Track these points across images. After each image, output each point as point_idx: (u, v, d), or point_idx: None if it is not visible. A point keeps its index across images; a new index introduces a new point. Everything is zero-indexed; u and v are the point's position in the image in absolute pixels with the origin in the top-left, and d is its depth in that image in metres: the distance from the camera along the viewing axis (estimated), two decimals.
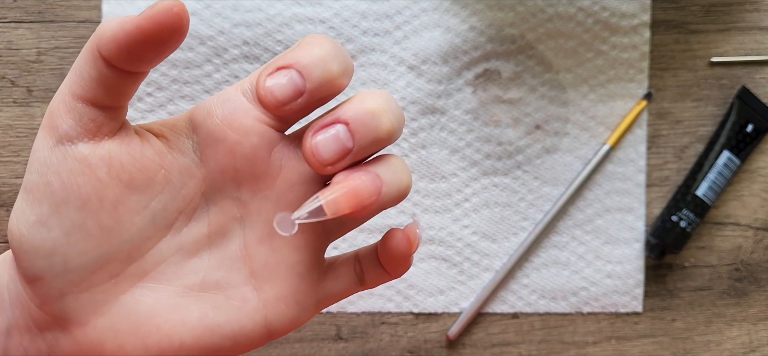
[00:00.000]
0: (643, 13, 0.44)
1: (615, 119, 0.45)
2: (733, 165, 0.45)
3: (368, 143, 0.23)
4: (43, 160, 0.23)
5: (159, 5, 0.21)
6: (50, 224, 0.23)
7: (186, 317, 0.24)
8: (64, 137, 0.23)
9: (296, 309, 0.25)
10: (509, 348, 0.46)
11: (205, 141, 0.24)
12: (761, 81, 0.46)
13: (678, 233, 0.44)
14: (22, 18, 0.43)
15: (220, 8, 0.43)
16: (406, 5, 0.44)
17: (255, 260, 0.25)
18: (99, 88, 0.22)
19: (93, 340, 0.24)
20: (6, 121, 0.43)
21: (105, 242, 0.23)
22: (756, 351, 0.47)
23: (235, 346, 0.25)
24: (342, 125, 0.23)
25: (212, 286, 0.25)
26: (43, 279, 0.23)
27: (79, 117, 0.23)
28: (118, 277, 0.24)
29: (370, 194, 0.23)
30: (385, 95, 0.24)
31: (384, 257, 0.26)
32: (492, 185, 0.45)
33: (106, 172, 0.23)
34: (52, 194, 0.22)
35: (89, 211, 0.23)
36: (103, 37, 0.22)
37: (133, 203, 0.24)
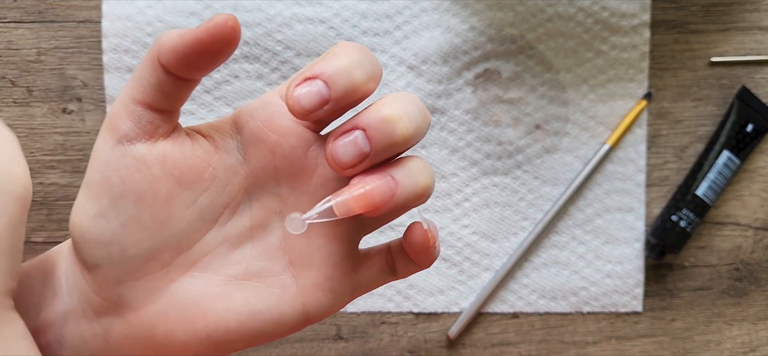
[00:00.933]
0: (643, 13, 0.44)
1: (615, 119, 0.45)
2: (733, 165, 0.45)
3: (384, 148, 0.24)
4: (104, 158, 0.25)
5: (216, 19, 0.23)
6: (109, 217, 0.25)
7: (230, 304, 0.26)
8: (124, 138, 0.25)
9: (331, 296, 0.27)
10: (509, 348, 0.46)
11: (248, 141, 0.26)
12: (761, 81, 0.46)
13: (678, 233, 0.44)
14: (22, 18, 0.43)
15: (220, 8, 0.43)
16: (406, 5, 0.44)
17: (293, 250, 0.27)
18: (157, 93, 0.25)
19: (145, 325, 0.26)
20: (6, 121, 0.43)
21: (158, 234, 0.25)
22: (756, 350, 0.47)
23: (275, 331, 0.27)
24: (360, 131, 0.24)
25: (254, 275, 0.27)
26: (102, 267, 0.25)
27: (137, 120, 0.25)
28: (169, 267, 0.26)
29: (382, 196, 0.24)
30: (407, 100, 0.25)
31: (408, 249, 0.27)
32: (492, 184, 0.45)
33: (160, 169, 0.25)
34: (111, 189, 0.25)
35: (144, 205, 0.25)
36: (163, 47, 0.24)
37: (183, 198, 0.26)
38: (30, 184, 0.25)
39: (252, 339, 0.27)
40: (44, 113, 0.43)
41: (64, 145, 0.43)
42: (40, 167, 0.43)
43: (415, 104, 0.25)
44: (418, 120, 0.25)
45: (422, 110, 0.26)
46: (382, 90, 0.44)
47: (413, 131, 0.25)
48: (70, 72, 0.43)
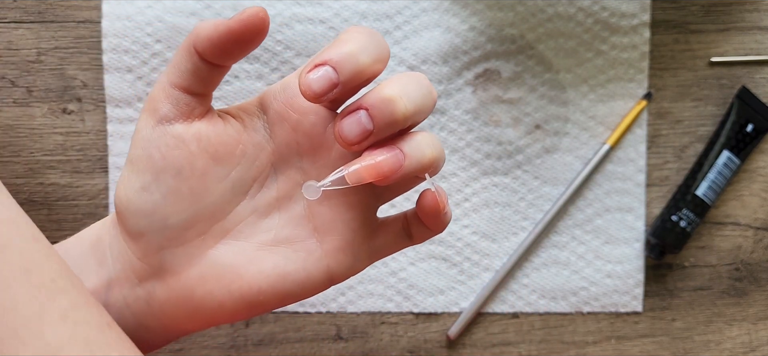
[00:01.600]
0: (643, 13, 0.44)
1: (615, 119, 0.45)
2: (733, 165, 0.45)
3: (386, 125, 0.27)
4: (146, 137, 0.28)
5: (248, 11, 0.26)
6: (151, 190, 0.27)
7: (262, 267, 0.29)
8: (163, 119, 0.27)
9: (352, 258, 0.30)
10: (509, 348, 0.46)
11: (273, 120, 0.29)
12: (761, 81, 0.46)
13: (678, 232, 0.44)
14: (22, 18, 0.43)
15: (220, 8, 0.43)
16: (406, 5, 0.44)
17: (317, 218, 0.30)
18: (192, 78, 0.27)
19: (185, 288, 0.28)
20: (6, 121, 0.43)
21: (195, 205, 0.28)
22: (756, 350, 0.47)
23: (303, 291, 0.29)
24: (364, 110, 0.26)
25: (282, 241, 0.29)
26: (145, 235, 0.28)
27: (175, 102, 0.27)
28: (206, 235, 0.29)
29: (390, 166, 0.27)
30: (409, 80, 0.27)
31: (421, 214, 0.30)
32: (492, 184, 0.45)
33: (197, 146, 0.28)
34: (153, 165, 0.27)
35: (183, 178, 0.28)
36: (199, 36, 0.26)
37: (217, 172, 0.28)
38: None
39: (282, 298, 0.29)
40: (44, 113, 0.43)
41: (64, 145, 0.43)
42: (40, 167, 0.43)
43: (417, 84, 0.28)
44: (418, 99, 0.27)
45: (425, 88, 0.28)
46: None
47: (413, 110, 0.27)
48: (70, 72, 0.43)
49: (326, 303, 0.45)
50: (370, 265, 0.31)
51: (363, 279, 0.45)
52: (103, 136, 0.43)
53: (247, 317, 0.30)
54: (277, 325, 0.45)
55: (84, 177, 0.43)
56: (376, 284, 0.45)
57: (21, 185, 0.43)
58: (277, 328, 0.45)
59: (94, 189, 0.43)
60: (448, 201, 0.30)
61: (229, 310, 0.29)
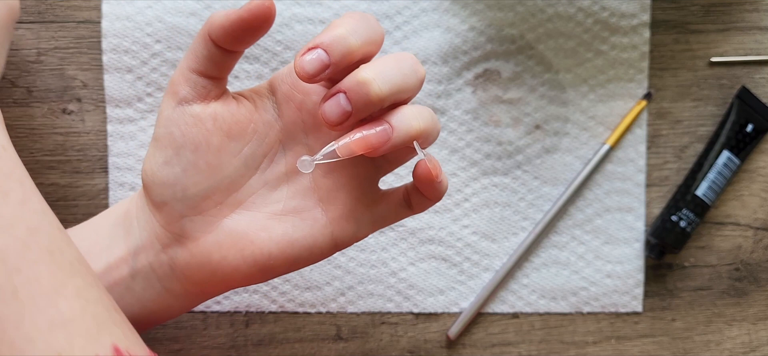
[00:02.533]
0: (642, 13, 0.44)
1: (615, 119, 0.45)
2: (732, 165, 0.45)
3: (363, 106, 0.29)
4: (167, 116, 0.31)
5: (256, 1, 0.29)
6: (173, 163, 0.31)
7: (272, 234, 0.32)
8: (183, 100, 0.31)
9: (355, 225, 0.33)
10: (509, 348, 0.46)
11: (281, 101, 0.32)
12: (761, 81, 0.46)
13: (678, 233, 0.44)
14: (22, 18, 0.43)
15: (219, 8, 0.43)
16: (406, 5, 0.44)
17: (321, 189, 0.32)
18: (208, 63, 0.30)
19: (203, 252, 0.32)
20: (6, 121, 0.43)
21: (211, 177, 0.31)
22: (756, 351, 0.47)
23: (310, 255, 0.32)
24: (342, 93, 0.29)
25: (291, 211, 0.32)
26: (168, 205, 0.31)
27: (193, 85, 0.30)
28: (222, 205, 0.32)
29: (377, 139, 0.29)
30: (387, 62, 0.30)
31: (417, 184, 0.32)
32: (492, 185, 0.45)
33: (213, 124, 0.31)
34: (174, 141, 0.31)
35: (200, 153, 0.31)
36: (213, 25, 0.29)
37: (231, 148, 0.31)
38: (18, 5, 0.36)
39: (291, 263, 0.32)
40: (44, 113, 0.43)
41: (64, 145, 0.43)
42: (40, 167, 0.43)
43: (396, 65, 0.30)
44: (396, 79, 0.29)
45: (406, 67, 0.30)
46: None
47: (388, 91, 0.29)
48: (70, 72, 0.43)
49: (326, 303, 0.45)
50: (372, 232, 0.34)
51: (363, 279, 0.45)
52: (103, 136, 0.43)
53: (260, 280, 0.32)
54: (277, 325, 0.45)
55: (84, 177, 0.43)
56: (376, 284, 0.45)
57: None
58: (277, 328, 0.45)
59: (94, 189, 0.43)
60: (441, 170, 0.32)
61: (243, 273, 0.32)
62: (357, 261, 0.45)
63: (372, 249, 0.45)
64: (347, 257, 0.45)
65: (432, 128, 0.31)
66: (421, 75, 0.31)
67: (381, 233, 0.45)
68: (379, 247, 0.45)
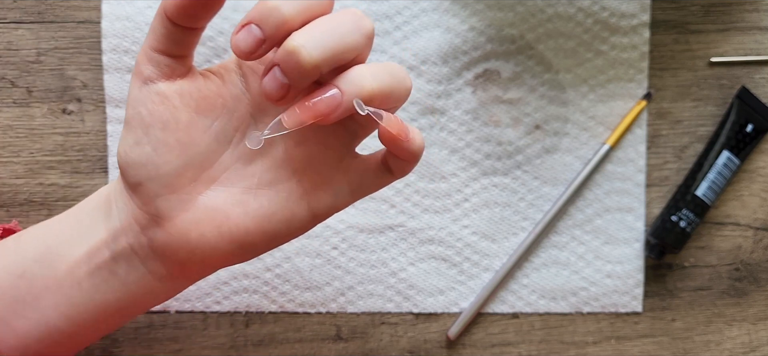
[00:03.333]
0: (642, 13, 0.44)
1: (615, 119, 0.45)
2: (732, 165, 0.45)
3: (298, 77, 0.28)
4: (134, 96, 0.30)
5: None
6: (143, 143, 0.30)
7: (248, 209, 0.31)
8: (147, 79, 0.30)
9: (332, 195, 0.32)
10: (509, 348, 0.46)
11: (247, 74, 0.32)
12: (761, 81, 0.46)
13: (678, 233, 0.44)
14: (22, 18, 0.43)
15: None
16: (406, 5, 0.44)
17: (295, 160, 0.32)
18: (169, 41, 0.29)
19: (181, 231, 0.31)
20: (6, 121, 0.43)
21: (183, 154, 0.30)
22: (756, 351, 0.47)
23: (289, 229, 0.32)
24: (276, 66, 0.28)
25: (265, 184, 0.32)
26: (142, 185, 0.30)
27: (156, 64, 0.30)
28: (196, 182, 0.31)
29: (327, 106, 0.29)
30: (321, 24, 0.28)
31: (388, 148, 0.31)
32: (492, 185, 0.45)
33: (179, 101, 0.30)
34: (142, 121, 0.30)
35: (170, 131, 0.30)
36: (168, 3, 0.28)
37: (200, 124, 0.31)
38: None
39: (270, 238, 0.32)
40: (44, 113, 0.43)
41: (64, 145, 0.43)
42: (40, 167, 0.43)
43: (330, 26, 0.28)
44: (329, 41, 0.28)
45: (341, 26, 0.28)
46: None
47: (320, 55, 0.28)
48: (70, 72, 0.43)
49: (326, 303, 0.45)
50: (353, 202, 0.33)
51: (363, 279, 0.45)
52: (103, 136, 0.43)
53: (242, 258, 0.32)
54: (277, 325, 0.45)
55: (84, 177, 0.43)
56: (376, 284, 0.45)
57: (21, 185, 0.43)
58: (277, 328, 0.45)
59: (94, 189, 0.43)
60: (407, 128, 0.30)
61: (222, 250, 0.31)
62: (357, 261, 0.45)
63: (372, 249, 0.45)
64: (347, 258, 0.45)
65: (393, 86, 0.30)
66: (367, 30, 0.29)
67: (381, 233, 0.45)
68: (379, 247, 0.45)
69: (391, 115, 0.30)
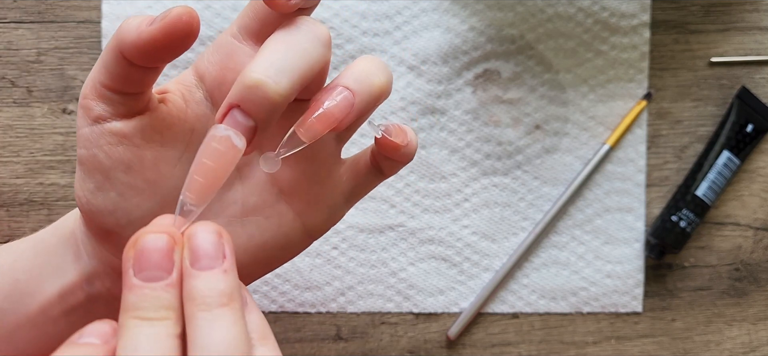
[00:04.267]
0: (642, 13, 0.44)
1: (615, 119, 0.45)
2: (732, 165, 0.45)
3: (267, 115, 0.23)
4: (86, 136, 0.26)
5: (171, 14, 0.23)
6: (106, 188, 0.26)
7: (238, 241, 0.28)
8: (99, 118, 0.26)
9: (326, 210, 0.29)
10: (509, 348, 0.46)
11: (211, 87, 0.27)
12: (761, 81, 0.46)
13: (678, 233, 0.44)
14: (22, 18, 0.43)
15: (220, 9, 0.43)
16: (406, 5, 0.44)
17: (280, 180, 0.28)
18: (124, 80, 0.25)
19: None
20: (6, 121, 0.43)
21: (154, 193, 0.27)
22: (756, 351, 0.47)
23: (284, 254, 0.29)
24: (235, 109, 0.23)
25: (251, 210, 0.28)
26: (113, 232, 0.27)
27: (109, 102, 0.25)
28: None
29: (341, 109, 0.25)
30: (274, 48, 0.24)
31: (384, 153, 0.28)
32: (492, 185, 0.45)
33: (141, 139, 0.26)
34: (100, 164, 0.26)
35: (135, 172, 0.26)
36: (124, 41, 0.24)
37: (168, 156, 0.27)
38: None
39: (265, 265, 0.29)
40: (44, 113, 0.43)
41: (64, 145, 0.43)
42: (40, 167, 0.43)
43: (288, 45, 0.24)
44: (292, 64, 0.24)
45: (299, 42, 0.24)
46: None
47: (288, 85, 0.23)
48: (70, 72, 0.43)
49: (326, 303, 0.45)
50: (349, 210, 0.30)
51: (363, 279, 0.45)
52: None
53: None
54: (277, 325, 0.45)
55: None
56: (376, 284, 0.45)
57: (21, 185, 0.43)
58: (277, 328, 0.45)
59: None
60: (407, 132, 0.28)
61: None
62: (357, 261, 0.45)
63: (372, 249, 0.45)
64: (347, 258, 0.45)
65: (390, 78, 0.27)
66: (325, 38, 0.25)
67: (381, 233, 0.45)
68: (379, 247, 0.45)
69: (395, 127, 0.28)
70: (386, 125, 0.27)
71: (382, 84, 0.26)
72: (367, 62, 0.26)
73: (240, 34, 0.27)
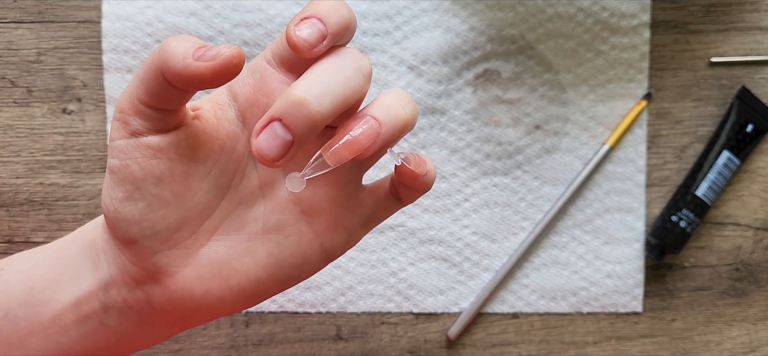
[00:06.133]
0: (643, 13, 0.44)
1: (615, 119, 0.45)
2: (732, 165, 0.45)
3: (305, 132, 0.25)
4: (121, 147, 0.27)
5: (223, 56, 0.24)
6: (135, 198, 0.27)
7: (257, 258, 0.29)
8: (136, 132, 0.26)
9: (345, 233, 0.30)
10: (509, 348, 0.46)
11: (244, 107, 0.28)
12: (761, 81, 0.46)
13: (678, 233, 0.44)
14: (22, 18, 0.43)
15: (220, 8, 0.43)
16: (406, 5, 0.44)
17: (301, 200, 0.29)
18: (163, 99, 0.26)
19: (183, 287, 0.28)
20: (6, 121, 0.43)
21: (181, 207, 0.28)
22: (756, 351, 0.47)
23: (302, 273, 0.29)
24: (276, 121, 0.25)
25: (272, 228, 0.29)
26: (137, 242, 0.27)
27: (147, 118, 0.26)
28: (196, 234, 0.28)
29: (368, 138, 0.26)
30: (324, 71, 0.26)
31: (403, 182, 0.29)
32: (492, 185, 0.45)
33: (175, 153, 0.27)
34: (132, 176, 0.27)
35: (164, 184, 0.27)
36: (168, 66, 0.25)
37: (198, 172, 0.28)
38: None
39: (282, 284, 0.29)
40: (44, 113, 0.43)
41: (64, 145, 0.43)
42: (40, 167, 0.43)
43: (335, 70, 0.26)
44: (336, 88, 0.25)
45: (344, 70, 0.26)
46: (382, 90, 0.44)
47: (330, 106, 0.25)
48: (70, 72, 0.43)
49: (326, 303, 0.45)
50: (366, 234, 0.31)
51: (363, 279, 0.45)
52: (103, 136, 0.43)
53: (252, 305, 0.30)
54: (277, 325, 0.45)
55: (84, 177, 0.43)
56: (376, 284, 0.45)
57: (21, 185, 0.43)
58: (277, 328, 0.45)
59: (94, 189, 0.43)
60: (426, 161, 0.29)
61: (231, 303, 0.29)
62: (357, 261, 0.45)
63: (372, 249, 0.45)
64: (347, 257, 0.45)
65: (416, 112, 0.28)
66: (367, 69, 0.27)
67: (381, 232, 0.45)
68: (379, 247, 0.45)
69: (415, 156, 0.29)
70: (406, 154, 0.28)
71: (407, 117, 0.27)
72: (395, 96, 0.27)
73: (274, 60, 0.28)
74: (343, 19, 0.26)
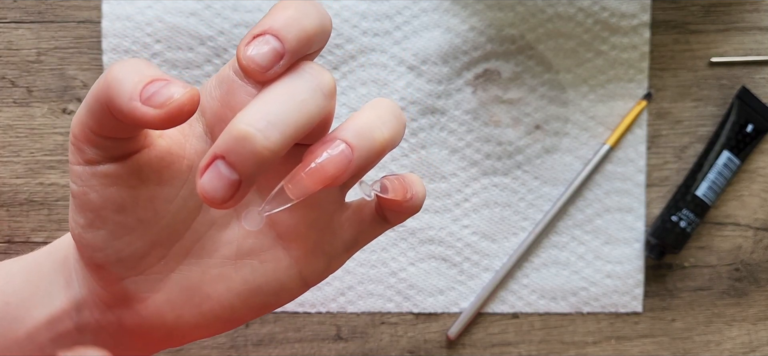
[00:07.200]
0: (642, 13, 0.44)
1: (615, 119, 0.45)
2: (733, 165, 0.45)
3: (253, 169, 0.21)
4: (78, 173, 0.24)
5: (173, 104, 0.21)
6: (96, 226, 0.25)
7: (230, 284, 0.27)
8: (90, 161, 0.24)
9: (325, 259, 0.27)
10: (509, 348, 0.46)
11: (211, 122, 0.25)
12: (761, 81, 0.46)
13: (678, 233, 0.44)
14: (22, 18, 0.43)
15: (220, 8, 0.43)
16: (406, 5, 0.44)
17: (278, 224, 0.27)
18: (113, 129, 0.23)
19: (154, 313, 0.26)
20: (6, 121, 0.43)
21: (147, 232, 0.25)
22: (756, 351, 0.47)
23: (278, 300, 0.27)
24: (219, 159, 0.22)
25: (247, 253, 0.27)
26: (103, 267, 0.26)
27: (100, 146, 0.24)
28: (166, 258, 0.26)
29: (337, 167, 0.23)
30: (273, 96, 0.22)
31: (387, 207, 0.27)
32: (492, 185, 0.45)
33: (137, 179, 0.25)
34: (91, 204, 0.24)
35: (127, 212, 0.25)
36: (113, 102, 0.22)
37: (164, 194, 0.25)
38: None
39: (258, 310, 0.27)
40: (44, 113, 0.43)
41: (64, 145, 0.43)
42: (40, 167, 0.43)
43: (286, 93, 0.22)
44: (286, 117, 0.22)
45: (298, 91, 0.22)
46: (382, 91, 0.44)
47: (280, 139, 0.21)
48: (70, 72, 0.43)
49: (326, 303, 0.45)
50: (349, 259, 0.28)
51: (363, 279, 0.45)
52: None
53: (229, 329, 0.28)
54: (277, 325, 0.45)
55: None
56: (376, 284, 0.45)
57: (21, 185, 0.43)
58: (277, 328, 0.45)
59: None
60: (409, 185, 0.26)
61: (205, 328, 0.27)
62: (357, 261, 0.45)
63: (372, 249, 0.45)
64: None
65: (399, 128, 0.25)
66: (328, 88, 0.23)
67: None
68: (379, 247, 0.45)
69: (394, 181, 0.26)
70: (384, 180, 0.25)
71: (385, 138, 0.24)
72: (372, 113, 0.24)
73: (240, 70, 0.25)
74: (305, 32, 0.23)
